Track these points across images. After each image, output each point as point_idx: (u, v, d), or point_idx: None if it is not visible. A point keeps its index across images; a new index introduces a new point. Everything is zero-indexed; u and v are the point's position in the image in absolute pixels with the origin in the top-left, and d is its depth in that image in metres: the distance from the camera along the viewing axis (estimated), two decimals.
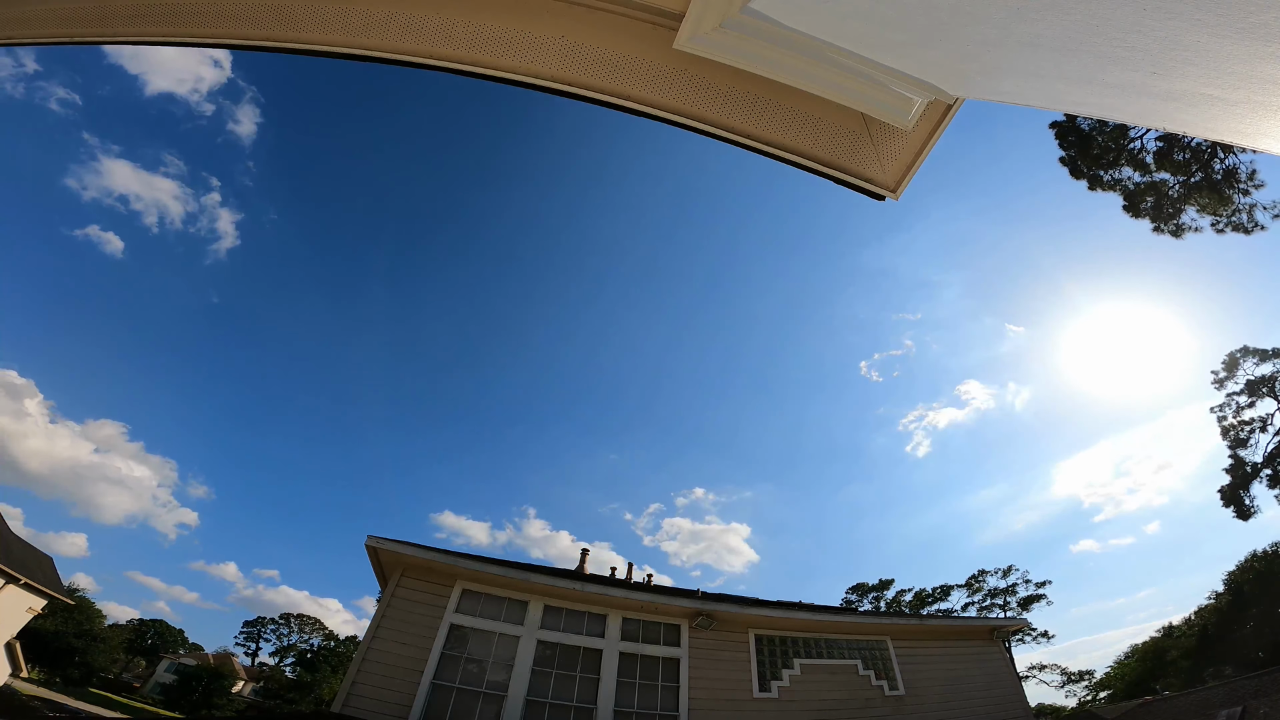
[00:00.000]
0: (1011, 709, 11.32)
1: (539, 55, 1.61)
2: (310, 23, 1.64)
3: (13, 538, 24.13)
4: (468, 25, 1.60)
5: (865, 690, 10.57)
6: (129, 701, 46.50)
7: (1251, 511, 23.40)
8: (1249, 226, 13.14)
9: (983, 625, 12.64)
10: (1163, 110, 1.22)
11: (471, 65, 1.61)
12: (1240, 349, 25.50)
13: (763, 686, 10.09)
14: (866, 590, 53.46)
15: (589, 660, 9.57)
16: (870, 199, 1.69)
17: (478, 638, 9.35)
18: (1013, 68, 1.22)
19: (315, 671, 60.26)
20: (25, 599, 22.13)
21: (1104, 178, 13.96)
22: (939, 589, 50.74)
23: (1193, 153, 13.19)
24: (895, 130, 1.56)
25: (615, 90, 1.62)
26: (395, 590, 9.47)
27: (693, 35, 1.35)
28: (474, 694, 8.80)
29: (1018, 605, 46.38)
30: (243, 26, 1.68)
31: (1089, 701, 44.09)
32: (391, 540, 9.57)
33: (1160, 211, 13.63)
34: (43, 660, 44.31)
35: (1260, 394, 25.01)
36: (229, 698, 51.64)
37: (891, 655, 11.10)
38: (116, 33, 1.78)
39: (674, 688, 9.63)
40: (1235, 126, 1.16)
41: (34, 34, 1.84)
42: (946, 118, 1.49)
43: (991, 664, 11.84)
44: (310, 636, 68.63)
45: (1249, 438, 24.59)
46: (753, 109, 1.62)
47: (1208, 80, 1.04)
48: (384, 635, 9.03)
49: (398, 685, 8.59)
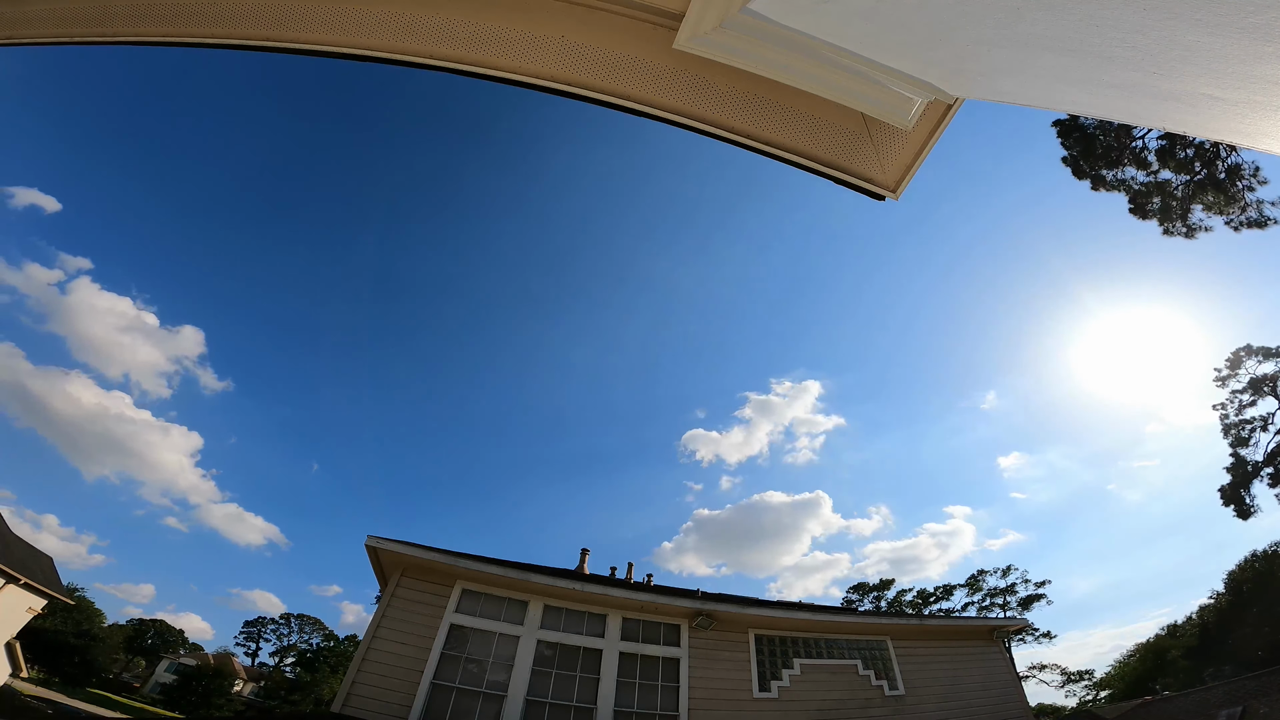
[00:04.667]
0: (1011, 709, 11.32)
1: (539, 55, 1.61)
2: (310, 23, 1.64)
3: (13, 537, 24.14)
4: (468, 25, 1.60)
5: (865, 690, 10.57)
6: (129, 701, 46.52)
7: (1251, 510, 23.40)
8: (1264, 221, 12.98)
9: (983, 625, 12.64)
10: (1163, 110, 1.22)
11: (471, 65, 1.62)
12: (1243, 347, 25.52)
13: (763, 686, 10.09)
14: (867, 590, 53.53)
15: (589, 660, 9.57)
16: (871, 199, 1.69)
17: (478, 638, 9.35)
18: (1013, 68, 1.22)
19: (315, 671, 60.29)
20: (25, 599, 22.13)
21: (1108, 177, 13.90)
22: (940, 589, 50.85)
23: (1195, 150, 13.12)
24: (895, 130, 1.56)
25: (615, 90, 1.62)
26: (395, 590, 9.48)
27: (693, 35, 1.35)
28: (474, 694, 8.80)
29: (1018, 605, 46.48)
30: (243, 26, 1.68)
31: (1089, 701, 44.08)
32: (391, 540, 9.58)
33: (1168, 212, 13.50)
34: (43, 660, 44.35)
35: (1262, 392, 25.00)
36: (229, 698, 51.64)
37: (891, 655, 11.09)
38: (117, 33, 1.78)
39: (674, 688, 9.63)
40: (1235, 126, 1.16)
41: (34, 34, 1.84)
42: (946, 118, 1.49)
43: (991, 664, 11.84)
44: (310, 636, 68.71)
45: (1250, 436, 24.60)
46: (753, 109, 1.62)
47: (1208, 80, 1.04)
48: (384, 635, 9.03)
49: (398, 685, 8.59)
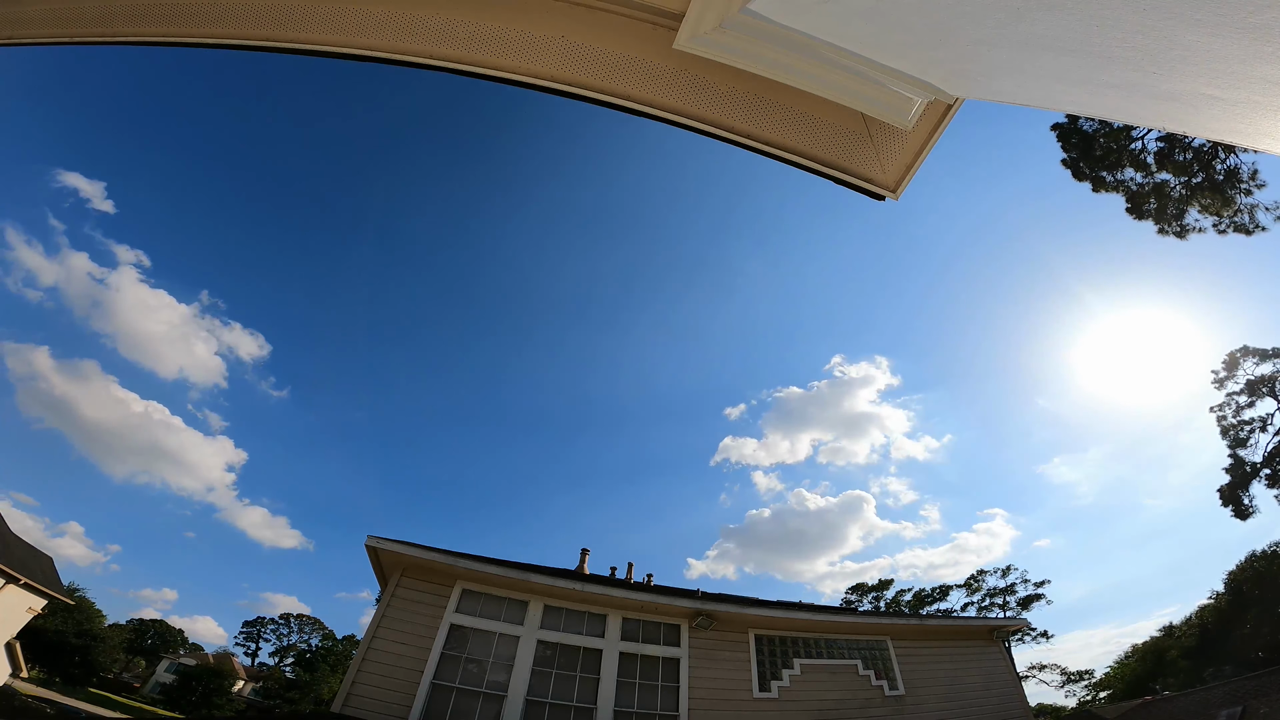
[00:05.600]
0: (1011, 709, 11.31)
1: (539, 55, 1.61)
2: (310, 23, 1.64)
3: (13, 537, 24.13)
4: (468, 25, 1.60)
5: (865, 690, 10.56)
6: (129, 701, 46.51)
7: (1250, 511, 23.42)
8: (1250, 227, 13.13)
9: (983, 625, 12.64)
10: (1163, 110, 1.22)
11: (471, 65, 1.62)
12: (1240, 348, 25.54)
13: (763, 686, 10.09)
14: (866, 590, 53.52)
15: (589, 660, 9.57)
16: (870, 199, 1.69)
17: (478, 638, 9.34)
18: (1013, 68, 1.22)
19: (314, 671, 60.27)
20: (25, 599, 22.13)
21: (1107, 179, 13.93)
22: (938, 589, 50.85)
23: (1194, 153, 13.17)
24: (895, 130, 1.56)
25: (616, 90, 1.62)
26: (395, 590, 9.47)
27: (692, 35, 1.35)
28: (474, 694, 8.80)
29: (1017, 605, 46.49)
30: (243, 26, 1.68)
31: (1089, 701, 44.07)
32: (391, 540, 9.57)
33: (1164, 213, 13.60)
34: (43, 660, 44.33)
35: (1260, 394, 25.02)
36: (229, 698, 51.64)
37: (891, 655, 11.09)
38: (117, 33, 1.78)
39: (674, 688, 9.63)
40: (1235, 126, 1.16)
41: (34, 34, 1.84)
42: (946, 118, 1.49)
43: (991, 664, 11.84)
44: (310, 636, 68.69)
45: (1249, 437, 24.62)
46: (753, 109, 1.62)
47: (1208, 80, 1.04)
48: (384, 635, 9.03)
49: (398, 685, 8.59)
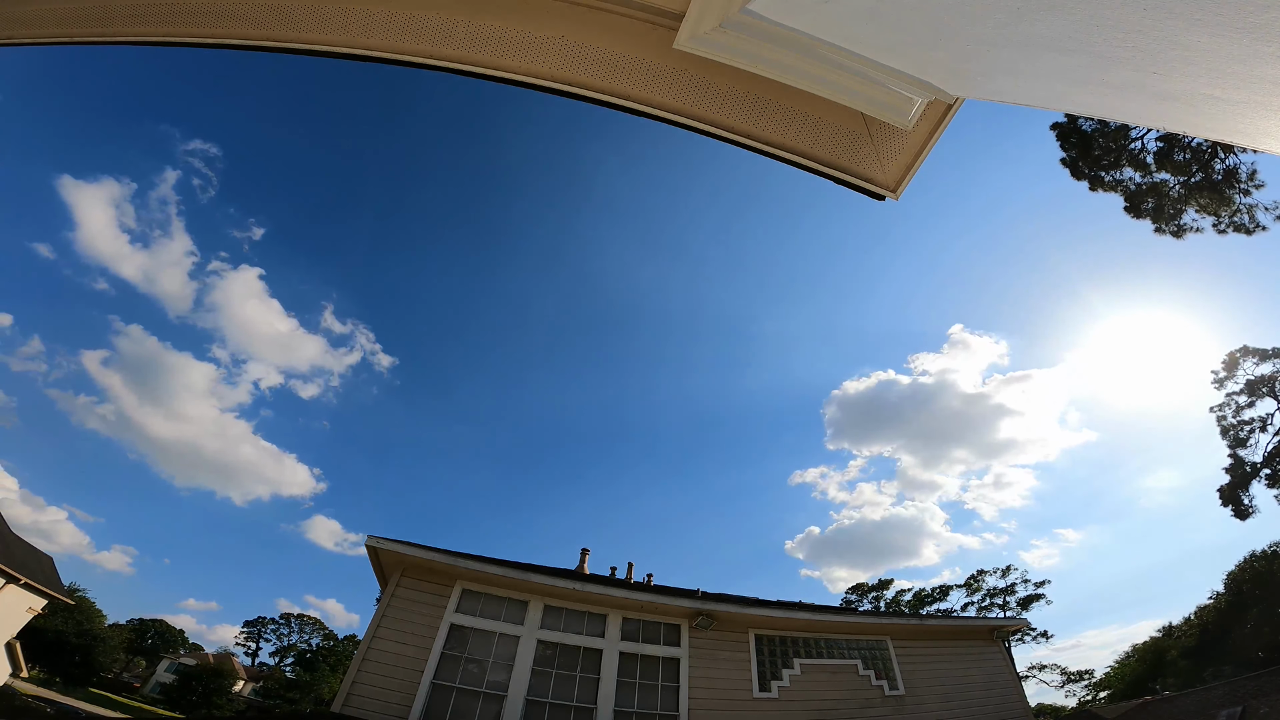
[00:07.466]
0: (1011, 709, 11.32)
1: (539, 55, 1.61)
2: (310, 23, 1.64)
3: (13, 537, 24.12)
4: (468, 25, 1.60)
5: (865, 690, 10.56)
6: (129, 701, 46.53)
7: (1250, 511, 23.43)
8: (1250, 227, 13.15)
9: (983, 625, 12.64)
10: (1163, 110, 1.22)
11: (471, 65, 1.61)
12: (1240, 349, 25.54)
13: (763, 686, 10.09)
14: (866, 590, 53.52)
15: (589, 660, 9.57)
16: (871, 198, 1.69)
17: (478, 638, 9.34)
18: (1013, 68, 1.22)
19: (314, 671, 60.26)
20: (25, 599, 22.12)
21: (1105, 179, 13.95)
22: (938, 589, 50.87)
23: (1193, 153, 13.19)
24: (895, 130, 1.56)
25: (616, 90, 1.62)
26: (395, 590, 9.47)
27: (692, 35, 1.35)
28: (474, 694, 8.80)
29: (1017, 605, 46.49)
30: (243, 26, 1.68)
31: (1089, 701, 44.07)
32: (391, 540, 9.57)
33: (1161, 212, 13.63)
34: (43, 660, 44.33)
35: (1260, 394, 25.02)
36: (229, 698, 51.63)
37: (891, 655, 11.09)
38: (117, 33, 1.78)
39: (674, 688, 9.63)
40: (1235, 126, 1.16)
41: (34, 34, 1.84)
42: (946, 118, 1.49)
43: (991, 664, 11.84)
44: (310, 636, 68.68)
45: (1248, 437, 24.62)
46: (753, 109, 1.62)
47: (1208, 80, 1.04)
48: (384, 635, 9.03)
49: (398, 685, 8.59)
